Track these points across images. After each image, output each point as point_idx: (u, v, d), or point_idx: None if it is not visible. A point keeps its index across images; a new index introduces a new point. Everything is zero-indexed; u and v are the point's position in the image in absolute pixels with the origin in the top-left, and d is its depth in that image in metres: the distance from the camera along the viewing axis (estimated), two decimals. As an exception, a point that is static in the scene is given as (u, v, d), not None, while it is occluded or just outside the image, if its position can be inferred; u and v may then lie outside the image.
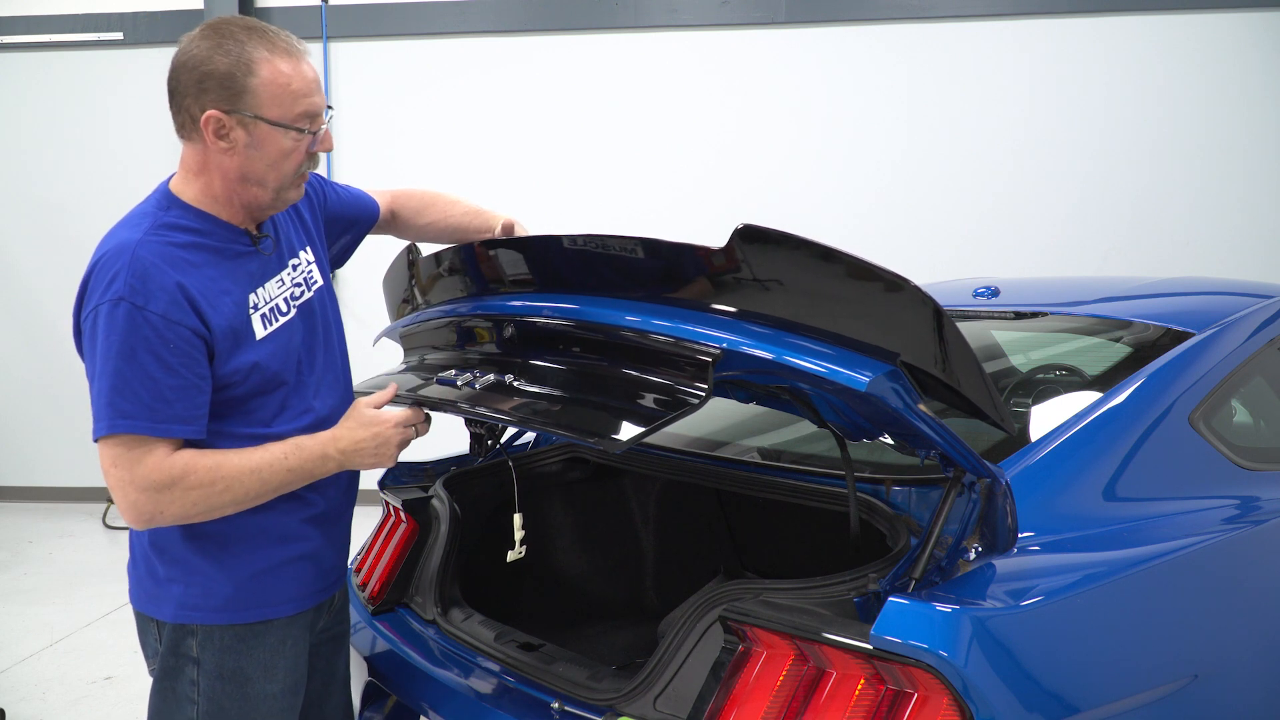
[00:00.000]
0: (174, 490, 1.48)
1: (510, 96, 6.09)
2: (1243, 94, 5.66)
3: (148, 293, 1.47)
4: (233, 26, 1.52)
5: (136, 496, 1.48)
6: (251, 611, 1.62)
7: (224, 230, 1.60)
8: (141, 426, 1.46)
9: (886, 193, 5.81)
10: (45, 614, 4.35)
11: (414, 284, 2.07)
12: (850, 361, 1.31)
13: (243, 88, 1.50)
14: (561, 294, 1.66)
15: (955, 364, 1.35)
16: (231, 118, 1.51)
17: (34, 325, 6.54)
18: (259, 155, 1.54)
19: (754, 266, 1.37)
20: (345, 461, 1.62)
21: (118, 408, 1.46)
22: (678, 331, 1.43)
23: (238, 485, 1.52)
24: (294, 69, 1.53)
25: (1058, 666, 1.41)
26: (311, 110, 1.56)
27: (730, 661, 1.45)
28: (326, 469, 1.61)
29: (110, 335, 1.46)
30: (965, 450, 1.42)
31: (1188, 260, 5.65)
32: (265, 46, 1.51)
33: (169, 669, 1.64)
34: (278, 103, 1.52)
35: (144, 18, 6.30)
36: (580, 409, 1.52)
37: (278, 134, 1.53)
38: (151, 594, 1.64)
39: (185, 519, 1.52)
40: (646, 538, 2.61)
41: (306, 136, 1.57)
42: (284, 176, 1.58)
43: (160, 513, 1.49)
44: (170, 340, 1.47)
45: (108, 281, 1.48)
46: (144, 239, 1.51)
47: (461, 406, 1.65)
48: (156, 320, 1.46)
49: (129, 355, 1.45)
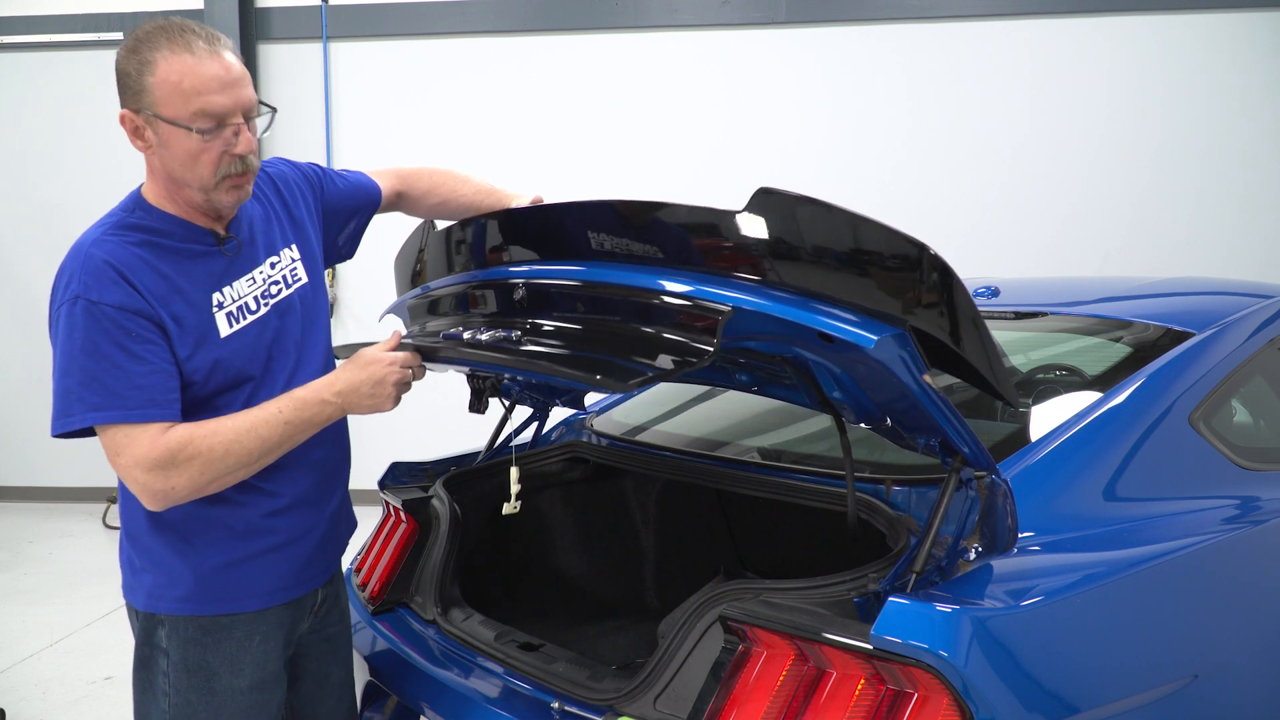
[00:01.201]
0: (177, 464, 1.49)
1: (510, 96, 6.09)
2: (1243, 94, 5.66)
3: (101, 287, 1.48)
4: (152, 27, 1.52)
5: (144, 477, 1.49)
6: (214, 604, 1.63)
7: (184, 230, 1.60)
8: (116, 415, 1.48)
9: (886, 192, 5.81)
10: (45, 614, 4.36)
11: (425, 257, 2.06)
12: (860, 323, 1.31)
13: (141, 86, 1.50)
14: (574, 259, 1.66)
15: (964, 333, 1.36)
16: (139, 117, 1.52)
17: (34, 325, 6.50)
18: (169, 155, 1.53)
19: (770, 229, 1.37)
20: (344, 405, 1.62)
21: (87, 401, 1.47)
22: (689, 291, 1.43)
23: (238, 447, 1.52)
24: (191, 67, 1.49)
25: (1058, 666, 1.41)
26: (209, 109, 1.50)
27: (730, 661, 1.45)
28: (326, 414, 1.61)
29: (72, 333, 1.48)
30: (967, 433, 1.43)
31: (1188, 260, 5.66)
32: (169, 44, 1.50)
33: (144, 659, 1.66)
34: (170, 101, 1.49)
35: (144, 18, 6.28)
36: (587, 357, 1.52)
37: (179, 133, 1.50)
38: (130, 583, 1.67)
39: (199, 490, 1.52)
40: (646, 538, 2.61)
41: (215, 138, 1.52)
42: (202, 178, 1.54)
43: (172, 488, 1.50)
44: (131, 329, 1.49)
45: (65, 282, 1.51)
46: (99, 238, 1.54)
47: (464, 352, 1.66)
48: (113, 312, 1.48)
49: (92, 350, 1.47)
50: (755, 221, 1.37)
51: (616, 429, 2.49)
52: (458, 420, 3.61)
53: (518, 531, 2.41)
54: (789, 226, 1.37)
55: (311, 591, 1.76)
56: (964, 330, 1.37)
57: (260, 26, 6.25)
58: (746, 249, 1.40)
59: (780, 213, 1.36)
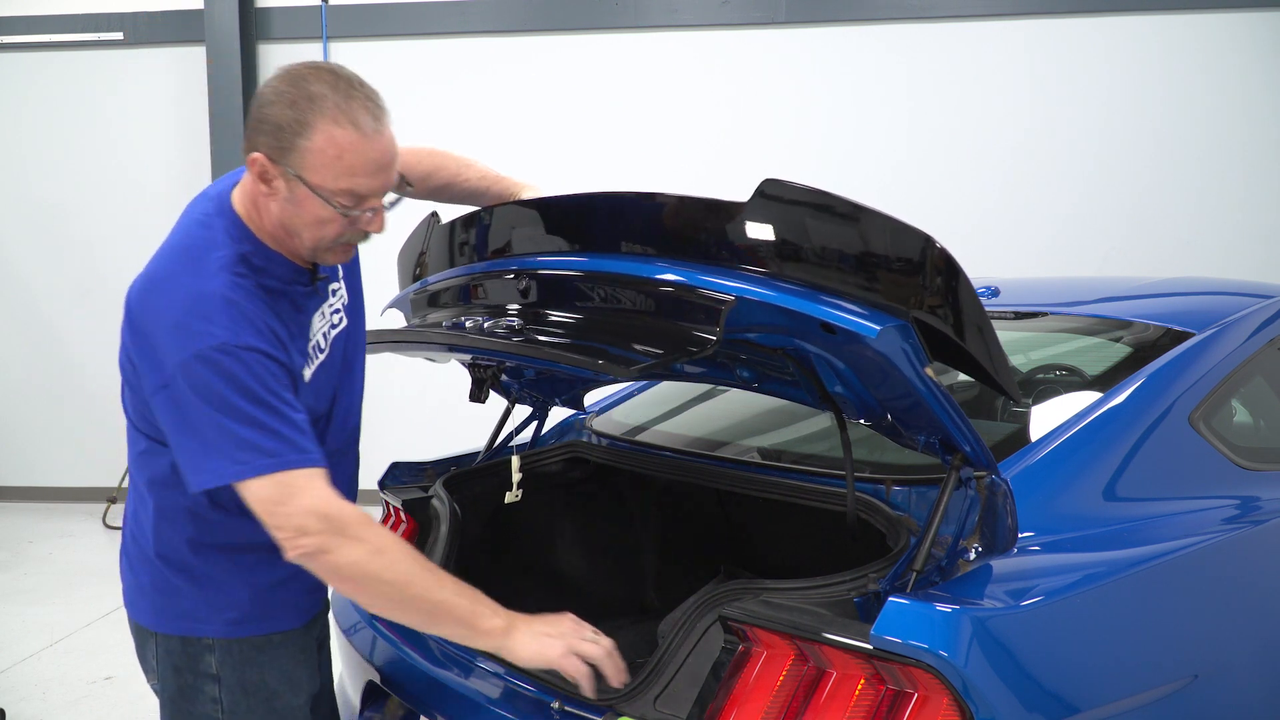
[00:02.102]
0: (347, 533, 1.39)
1: (510, 96, 6.09)
2: (1243, 94, 5.66)
3: (242, 333, 1.41)
4: (318, 80, 1.42)
5: (317, 525, 1.38)
6: (266, 623, 1.59)
7: (289, 270, 1.54)
8: (293, 460, 1.39)
9: (886, 192, 5.80)
10: (45, 614, 4.36)
11: (429, 251, 2.06)
12: (862, 313, 1.32)
13: (293, 146, 1.41)
14: (579, 250, 1.66)
15: (967, 326, 1.36)
16: (277, 169, 1.43)
17: (34, 325, 6.54)
18: (295, 212, 1.46)
19: (775, 219, 1.37)
20: (510, 627, 1.45)
21: (262, 448, 1.37)
22: (692, 281, 1.43)
23: (405, 566, 1.41)
24: (353, 145, 1.41)
25: (1058, 666, 1.41)
26: (357, 190, 1.44)
27: (730, 661, 1.45)
28: (483, 624, 1.44)
29: (227, 381, 1.38)
30: (968, 430, 1.43)
31: (1188, 260, 5.66)
32: (335, 114, 1.40)
33: (185, 688, 1.59)
34: (320, 171, 1.42)
35: (144, 18, 6.31)
36: (589, 345, 1.52)
37: (316, 200, 1.44)
38: (158, 606, 1.59)
39: (341, 572, 1.40)
40: (646, 538, 2.61)
41: (348, 216, 1.46)
42: (320, 240, 1.49)
43: (326, 551, 1.38)
44: (277, 375, 1.43)
45: (204, 328, 1.40)
46: (232, 282, 1.44)
47: (467, 339, 1.65)
48: (262, 358, 1.41)
49: (252, 396, 1.38)
50: (759, 212, 1.37)
51: (616, 429, 2.49)
52: (458, 420, 3.62)
53: (517, 531, 2.41)
54: (793, 217, 1.37)
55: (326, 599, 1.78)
56: (967, 323, 1.37)
57: (260, 26, 6.25)
58: (750, 239, 1.40)
59: (785, 203, 1.36)
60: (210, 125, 6.18)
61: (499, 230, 1.84)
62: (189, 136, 6.31)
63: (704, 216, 1.45)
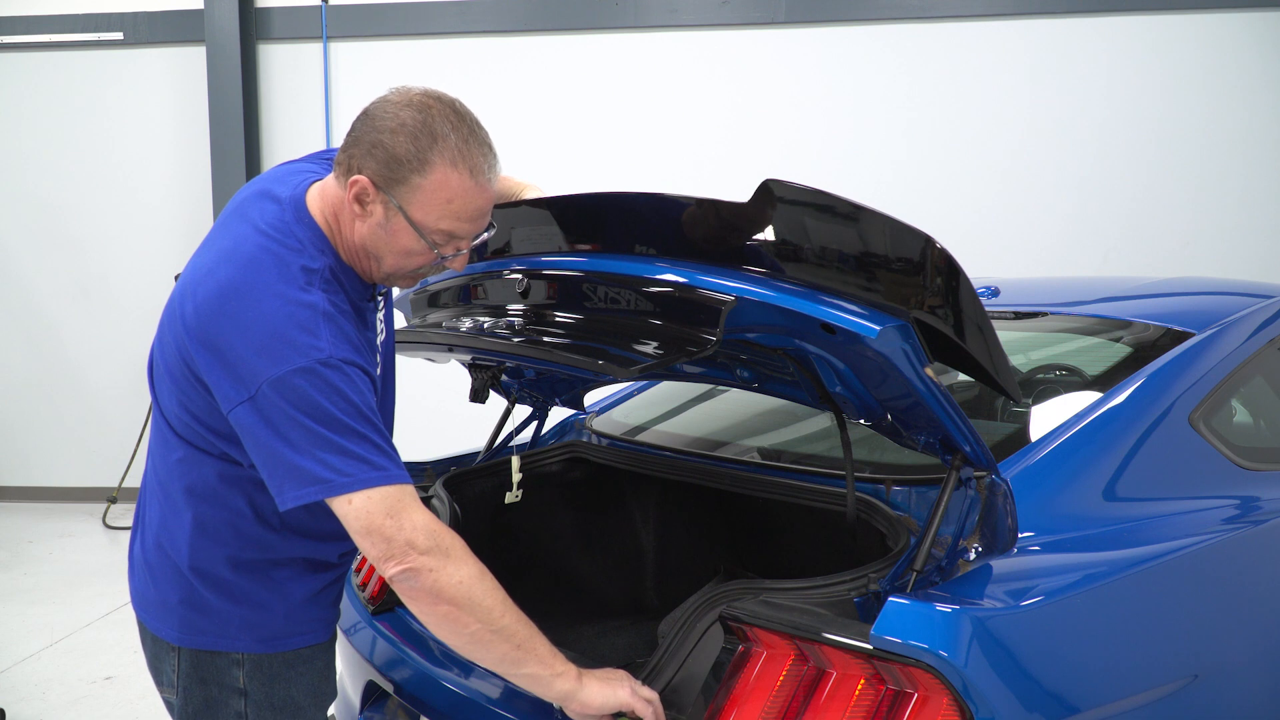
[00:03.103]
0: (451, 554, 1.37)
1: (510, 96, 6.09)
2: (1243, 94, 5.66)
3: (340, 347, 1.38)
4: (440, 114, 1.43)
5: (426, 543, 1.35)
6: (297, 639, 1.58)
7: (361, 286, 1.54)
8: (396, 475, 1.37)
9: (886, 192, 5.81)
10: (45, 614, 4.36)
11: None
12: (862, 313, 1.32)
13: (404, 178, 1.41)
14: (579, 250, 1.66)
15: (967, 326, 1.36)
16: (379, 194, 1.42)
17: (34, 325, 6.54)
18: (385, 239, 1.45)
19: (775, 220, 1.38)
20: (581, 685, 1.42)
21: (372, 462, 1.35)
22: (693, 281, 1.43)
23: (497, 598, 1.38)
24: (466, 191, 1.43)
25: (1058, 666, 1.41)
26: (455, 232, 1.45)
27: (730, 661, 1.45)
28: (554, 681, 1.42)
29: (331, 394, 1.35)
30: (968, 430, 1.43)
31: (1188, 260, 5.66)
32: (455, 156, 1.41)
33: (209, 702, 1.57)
34: (425, 208, 1.42)
35: (144, 18, 6.31)
36: (590, 345, 1.53)
37: (411, 234, 1.44)
38: (188, 622, 1.55)
39: (443, 594, 1.36)
40: (646, 538, 2.61)
41: (435, 252, 1.47)
42: (399, 269, 1.49)
43: (430, 570, 1.35)
44: (373, 393, 1.43)
45: (308, 342, 1.36)
46: (327, 297, 1.42)
47: (467, 339, 1.65)
48: (358, 373, 1.39)
49: (356, 413, 1.36)
50: (760, 212, 1.38)
51: (616, 429, 2.49)
52: (457, 421, 3.62)
53: (518, 531, 2.41)
54: (793, 217, 1.37)
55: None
56: (967, 323, 1.37)
57: (260, 26, 6.25)
58: (750, 239, 1.40)
59: (785, 203, 1.36)
60: (210, 125, 6.18)
61: (499, 230, 1.84)
62: (189, 136, 6.31)
63: (704, 216, 1.45)
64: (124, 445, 6.18)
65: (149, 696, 3.51)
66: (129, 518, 5.79)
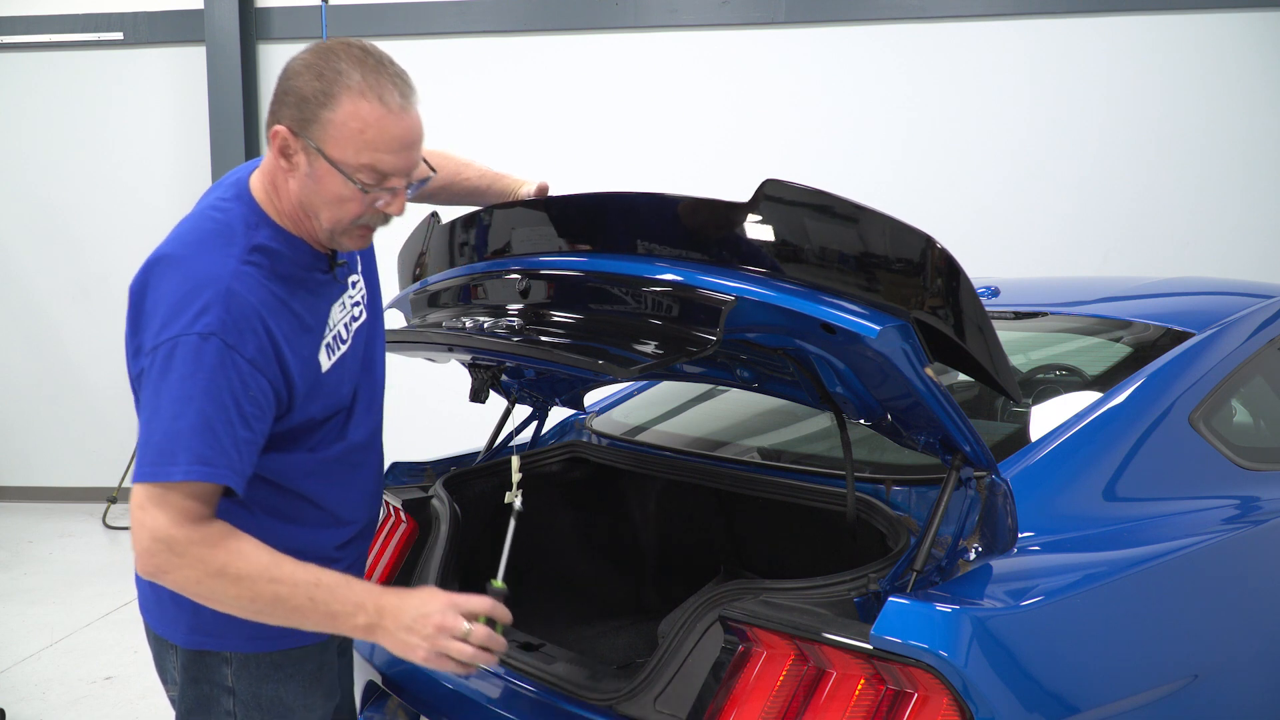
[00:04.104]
0: (181, 556, 1.33)
1: (510, 96, 6.09)
2: (1243, 94, 5.66)
3: (240, 334, 1.36)
4: (344, 52, 1.39)
5: (147, 542, 1.34)
6: (287, 639, 1.55)
7: (308, 256, 1.50)
8: (223, 475, 1.34)
9: (886, 192, 5.80)
10: (45, 614, 4.36)
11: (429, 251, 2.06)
12: (862, 313, 1.32)
13: (314, 117, 1.38)
14: (579, 250, 1.66)
15: (967, 326, 1.36)
16: (297, 140, 1.40)
17: (34, 325, 6.54)
18: (315, 189, 1.42)
19: (775, 220, 1.37)
20: (377, 626, 1.38)
21: (197, 452, 1.32)
22: (693, 281, 1.43)
23: (247, 583, 1.35)
24: (379, 119, 1.38)
25: (1058, 666, 1.41)
26: (379, 167, 1.40)
27: (730, 661, 1.45)
28: (353, 622, 1.37)
29: (196, 371, 1.33)
30: (968, 430, 1.43)
31: (1188, 260, 5.66)
32: (362, 87, 1.37)
33: (202, 699, 1.57)
34: (342, 145, 1.38)
35: (144, 18, 6.31)
36: (590, 345, 1.52)
37: (336, 176, 1.40)
38: (178, 620, 1.55)
39: (184, 592, 1.36)
40: (646, 538, 2.61)
41: (369, 194, 1.42)
42: (338, 222, 1.45)
43: (164, 571, 1.34)
44: (252, 390, 1.37)
45: (197, 312, 1.35)
46: (239, 270, 1.39)
47: (467, 339, 1.65)
48: (245, 366, 1.36)
49: (214, 396, 1.33)
50: (760, 212, 1.38)
51: (616, 429, 2.49)
52: (457, 421, 3.62)
53: (518, 531, 2.41)
54: (794, 217, 1.37)
55: None
56: (968, 323, 1.37)
57: (260, 26, 6.25)
58: (751, 239, 1.40)
59: (785, 204, 1.36)
60: (210, 125, 6.18)
61: (499, 230, 1.84)
62: (189, 136, 6.31)
63: (705, 216, 1.45)
64: (124, 445, 6.17)
65: (149, 696, 3.51)
66: (129, 518, 5.79)
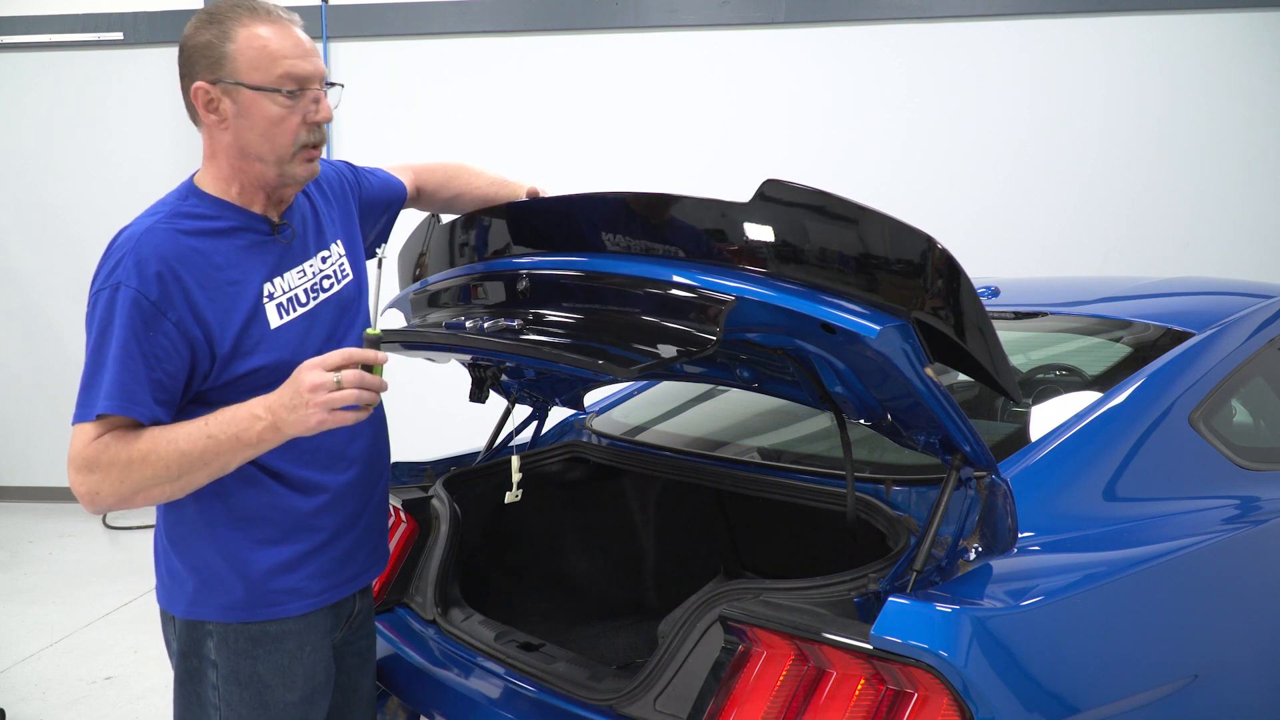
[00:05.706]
0: (97, 469, 1.43)
1: (510, 96, 6.09)
2: (1243, 94, 5.66)
3: (144, 280, 1.47)
4: (222, 4, 1.53)
5: (73, 477, 1.45)
6: (263, 610, 1.58)
7: (241, 217, 1.58)
8: (125, 409, 1.44)
9: (886, 192, 5.80)
10: (45, 614, 4.35)
11: (429, 251, 2.06)
12: (862, 313, 1.32)
13: (221, 54, 1.50)
14: (577, 250, 1.66)
15: (968, 327, 1.36)
16: (216, 88, 1.51)
17: (34, 325, 6.54)
18: (248, 125, 1.52)
19: (776, 219, 1.38)
20: (275, 421, 1.42)
21: (107, 391, 1.44)
22: (693, 281, 1.43)
23: (154, 456, 1.42)
24: (273, 32, 1.52)
25: (1058, 666, 1.41)
26: (294, 72, 1.52)
27: (730, 661, 1.45)
28: (256, 430, 1.43)
29: (109, 319, 1.46)
30: (968, 430, 1.43)
31: (1188, 260, 5.65)
32: (249, 14, 1.52)
33: (191, 671, 1.61)
34: (256, 66, 1.50)
35: (144, 18, 6.30)
36: (589, 345, 1.53)
37: (262, 99, 1.51)
38: (169, 590, 1.62)
39: (123, 501, 1.45)
40: (646, 538, 2.62)
41: (297, 103, 1.53)
42: (280, 148, 1.55)
43: (96, 493, 1.44)
44: (154, 331, 1.47)
45: (111, 266, 1.50)
46: (152, 227, 1.52)
47: (466, 339, 1.66)
48: (148, 308, 1.46)
49: (123, 340, 1.45)
50: (760, 212, 1.38)
51: (616, 429, 2.49)
52: (457, 421, 3.61)
53: (518, 531, 2.41)
54: (794, 217, 1.37)
55: (349, 599, 1.73)
56: (968, 324, 1.37)
57: (260, 26, 6.24)
58: (751, 239, 1.40)
59: (785, 204, 1.36)
60: (210, 125, 6.18)
61: (499, 230, 1.84)
62: (189, 136, 6.26)
63: (705, 216, 1.45)
64: (124, 445, 6.17)
65: (149, 696, 3.51)
66: (129, 518, 5.79)
